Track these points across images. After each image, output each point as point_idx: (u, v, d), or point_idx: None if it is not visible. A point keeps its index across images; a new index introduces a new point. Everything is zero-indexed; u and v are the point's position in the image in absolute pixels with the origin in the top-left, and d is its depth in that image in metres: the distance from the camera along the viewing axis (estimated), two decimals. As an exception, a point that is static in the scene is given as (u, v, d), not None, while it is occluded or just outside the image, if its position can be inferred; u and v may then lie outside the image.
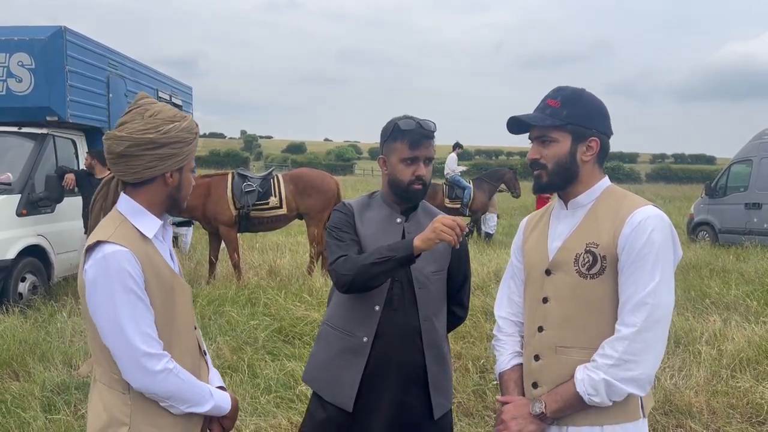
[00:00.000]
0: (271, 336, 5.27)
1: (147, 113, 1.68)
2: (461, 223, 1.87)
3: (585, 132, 1.74)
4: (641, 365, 1.61)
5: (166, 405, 1.65)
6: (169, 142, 1.67)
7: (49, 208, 6.86)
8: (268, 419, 3.71)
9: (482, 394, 4.19)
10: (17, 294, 6.34)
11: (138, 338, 1.57)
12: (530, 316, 1.85)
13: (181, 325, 1.74)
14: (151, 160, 1.66)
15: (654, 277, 1.61)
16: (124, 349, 1.58)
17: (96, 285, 1.57)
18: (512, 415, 1.76)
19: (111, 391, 1.65)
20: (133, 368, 1.58)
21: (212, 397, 1.73)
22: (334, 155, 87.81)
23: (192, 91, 11.81)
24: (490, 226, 12.91)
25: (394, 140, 2.10)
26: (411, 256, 1.92)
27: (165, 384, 1.61)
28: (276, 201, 7.74)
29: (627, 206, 1.70)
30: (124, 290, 1.57)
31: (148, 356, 1.58)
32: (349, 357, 2.09)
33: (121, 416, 1.63)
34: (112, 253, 1.58)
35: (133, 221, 1.68)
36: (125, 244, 1.61)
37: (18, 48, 6.97)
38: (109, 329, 1.58)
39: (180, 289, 1.75)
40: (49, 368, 4.47)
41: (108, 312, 1.57)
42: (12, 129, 7.05)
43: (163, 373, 1.60)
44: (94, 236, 1.62)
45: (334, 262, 2.02)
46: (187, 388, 1.67)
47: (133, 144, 1.64)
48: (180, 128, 1.69)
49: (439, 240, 1.87)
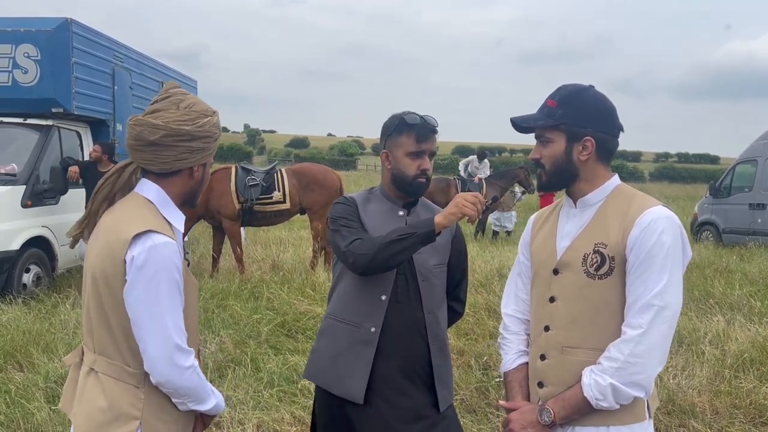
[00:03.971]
0: (274, 330, 5.28)
1: (182, 104, 1.65)
2: (482, 199, 1.92)
3: (579, 131, 1.72)
4: (647, 368, 1.60)
5: (179, 401, 1.63)
6: (203, 135, 1.65)
7: (53, 200, 6.87)
8: (271, 413, 3.72)
9: (485, 391, 4.19)
10: (21, 285, 6.36)
11: (174, 331, 1.55)
12: (537, 315, 1.85)
13: (191, 321, 1.71)
14: (183, 151, 1.63)
15: (662, 279, 1.60)
16: (160, 342, 1.54)
17: (143, 273, 1.52)
18: (521, 424, 1.75)
19: (121, 384, 1.60)
20: (164, 361, 1.55)
21: (213, 395, 1.71)
22: (337, 150, 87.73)
23: (197, 85, 11.79)
24: (511, 222, 13.38)
25: (400, 134, 2.12)
26: (432, 233, 1.94)
27: (189, 380, 1.60)
28: (279, 195, 7.74)
29: (637, 206, 1.69)
30: (169, 283, 1.54)
31: (181, 351, 1.57)
32: (357, 348, 2.09)
33: (131, 410, 1.59)
34: (163, 244, 1.55)
35: (163, 212, 1.65)
36: (169, 235, 1.58)
37: (24, 39, 6.96)
38: (149, 319, 1.53)
39: (191, 281, 1.72)
40: (52, 359, 4.48)
41: (152, 302, 1.53)
42: (17, 120, 7.05)
43: (190, 369, 1.59)
44: (135, 223, 1.56)
45: (351, 243, 2.01)
46: (202, 385, 1.66)
47: (168, 134, 1.60)
48: (212, 123, 1.68)
49: (461, 215, 1.91)
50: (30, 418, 3.62)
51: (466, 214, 1.90)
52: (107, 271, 1.56)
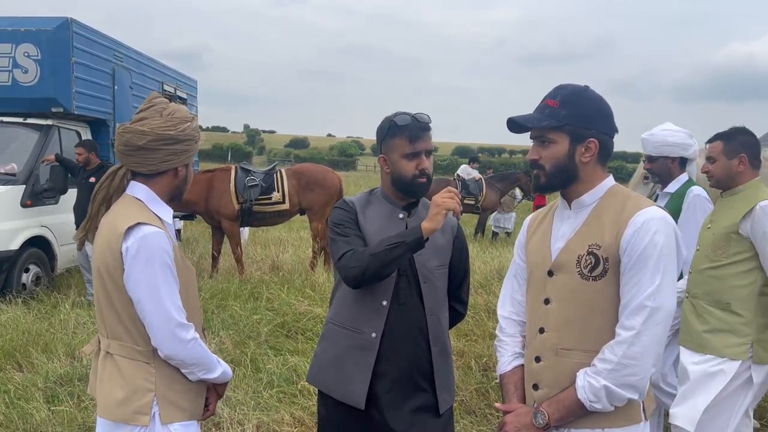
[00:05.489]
0: (273, 331, 5.28)
1: (165, 111, 1.86)
2: (455, 191, 1.96)
3: (583, 133, 1.71)
4: (640, 369, 1.60)
5: (188, 371, 1.84)
6: (185, 138, 1.86)
7: (53, 200, 6.86)
8: (270, 414, 3.72)
9: (485, 393, 4.20)
10: (21, 285, 6.36)
11: (173, 309, 1.76)
12: (532, 316, 1.84)
13: (193, 302, 1.92)
14: (168, 154, 1.84)
15: (655, 280, 1.60)
16: (162, 320, 1.75)
17: (137, 260, 1.73)
18: (515, 426, 1.75)
19: (134, 363, 1.80)
20: (168, 336, 1.75)
21: (220, 365, 1.92)
22: (337, 151, 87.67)
23: (197, 85, 11.79)
24: (511, 223, 13.25)
25: (393, 137, 2.10)
26: (421, 240, 1.95)
27: (193, 351, 1.80)
28: (279, 196, 7.75)
29: (630, 207, 1.68)
30: (162, 266, 1.75)
31: (182, 326, 1.77)
32: (357, 354, 2.09)
33: (146, 384, 1.79)
34: (152, 233, 1.76)
35: (152, 207, 1.86)
36: (158, 226, 1.78)
37: (24, 39, 6.97)
38: (149, 300, 1.74)
39: (187, 267, 1.93)
40: (52, 359, 4.48)
41: (149, 285, 1.73)
42: (17, 120, 7.06)
43: (192, 341, 1.80)
44: (126, 218, 1.76)
45: (342, 257, 2.02)
46: (207, 355, 1.86)
47: (154, 139, 1.81)
48: (192, 127, 1.89)
49: (444, 210, 1.92)
50: (29, 419, 3.63)
51: (449, 208, 1.92)
52: (108, 263, 1.78)
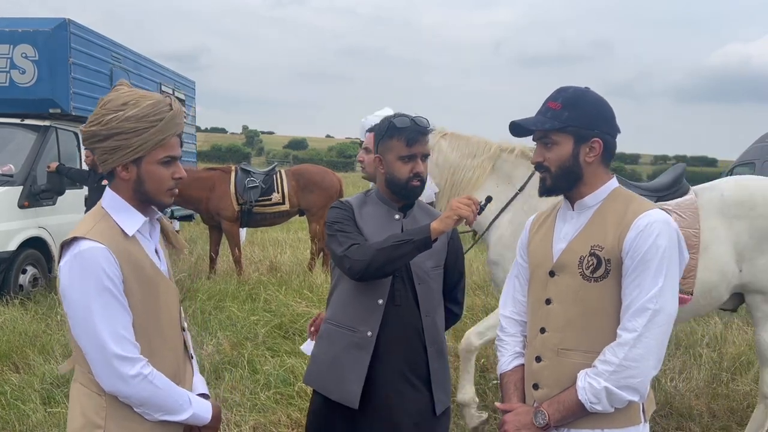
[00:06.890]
0: (271, 332, 5.27)
1: (101, 102, 1.58)
2: (475, 200, 1.91)
3: (587, 133, 1.72)
4: (641, 372, 1.60)
5: (140, 411, 1.58)
6: (112, 134, 1.55)
7: (50, 201, 6.85)
8: (267, 415, 3.71)
9: (482, 394, 4.19)
10: (18, 286, 6.35)
11: (111, 340, 1.50)
12: (533, 316, 1.84)
13: (165, 323, 1.66)
14: (102, 153, 1.58)
15: (657, 282, 1.60)
16: (96, 350, 1.50)
17: (70, 282, 1.50)
18: (515, 426, 1.74)
19: (88, 392, 1.58)
20: (106, 370, 1.51)
21: (191, 406, 1.64)
22: (336, 152, 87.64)
23: (195, 86, 11.80)
24: None
25: (390, 138, 2.10)
26: (428, 240, 1.93)
27: (138, 389, 1.54)
28: (278, 197, 7.77)
29: (633, 209, 1.69)
30: (98, 289, 1.49)
31: (121, 359, 1.51)
32: (353, 353, 2.09)
33: (96, 419, 1.56)
34: (88, 249, 1.50)
35: (115, 217, 1.60)
36: (103, 240, 1.52)
37: (22, 39, 6.96)
38: (82, 329, 1.50)
39: (165, 286, 1.67)
40: (49, 361, 4.47)
41: (81, 311, 1.49)
42: (15, 121, 7.04)
43: (136, 378, 1.52)
44: (73, 231, 1.55)
45: (348, 249, 2.00)
46: (163, 395, 1.58)
47: (85, 137, 1.58)
48: (123, 118, 1.54)
49: (457, 216, 1.89)
50: (25, 420, 3.61)
51: (462, 215, 1.88)
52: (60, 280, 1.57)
